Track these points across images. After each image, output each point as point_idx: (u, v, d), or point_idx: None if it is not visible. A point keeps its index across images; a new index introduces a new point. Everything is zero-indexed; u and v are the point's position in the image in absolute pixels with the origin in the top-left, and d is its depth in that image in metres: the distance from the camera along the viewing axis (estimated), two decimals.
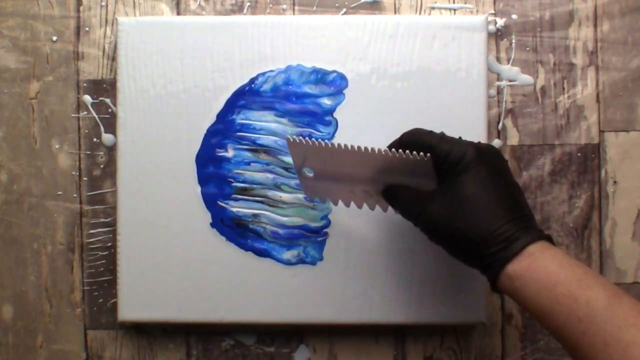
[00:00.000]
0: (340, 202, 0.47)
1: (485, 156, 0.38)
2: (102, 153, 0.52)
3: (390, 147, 0.42)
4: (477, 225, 0.36)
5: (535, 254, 0.35)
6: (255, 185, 0.50)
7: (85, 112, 0.52)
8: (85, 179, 0.52)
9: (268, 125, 0.50)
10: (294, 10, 0.52)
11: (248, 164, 0.50)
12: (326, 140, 0.42)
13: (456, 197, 0.37)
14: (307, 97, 0.50)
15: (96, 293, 0.52)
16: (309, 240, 0.50)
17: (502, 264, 0.35)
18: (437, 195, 0.38)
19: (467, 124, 0.49)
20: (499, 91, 0.52)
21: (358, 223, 0.50)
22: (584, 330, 0.33)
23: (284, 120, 0.50)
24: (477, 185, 0.37)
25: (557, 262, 0.35)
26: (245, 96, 0.50)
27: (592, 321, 0.33)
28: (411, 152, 0.39)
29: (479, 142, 0.39)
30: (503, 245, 0.35)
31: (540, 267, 0.34)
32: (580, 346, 0.33)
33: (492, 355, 0.52)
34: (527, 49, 0.52)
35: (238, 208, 0.50)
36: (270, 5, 0.52)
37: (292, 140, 0.42)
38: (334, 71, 0.50)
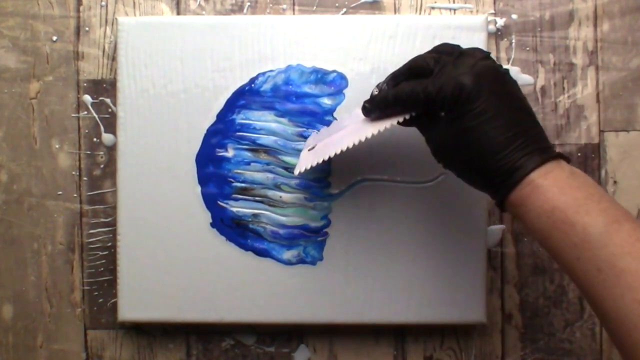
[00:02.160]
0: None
1: (483, 83, 0.36)
2: (102, 153, 0.52)
3: (393, 76, 0.42)
4: (480, 157, 0.36)
5: (536, 180, 0.35)
6: (255, 185, 0.50)
7: (85, 112, 0.52)
8: (85, 179, 0.52)
9: (268, 125, 0.50)
10: (294, 10, 0.52)
11: (248, 163, 0.50)
12: (327, 153, 0.42)
13: (459, 129, 0.37)
14: (307, 97, 0.50)
15: (96, 293, 0.52)
16: (309, 240, 0.50)
17: (505, 192, 0.36)
18: (442, 125, 0.38)
19: None
20: None
21: (358, 223, 0.50)
22: (579, 255, 0.33)
23: (284, 120, 0.50)
24: (477, 118, 0.36)
25: (557, 187, 0.34)
26: (245, 96, 0.50)
27: (587, 247, 0.33)
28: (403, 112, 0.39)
29: (478, 61, 0.38)
30: (505, 175, 0.36)
31: (540, 193, 0.35)
32: (575, 271, 0.34)
33: (492, 355, 0.52)
34: (527, 48, 0.52)
35: (238, 208, 0.50)
36: (270, 5, 0.52)
37: (301, 172, 0.43)
38: (334, 71, 0.50)
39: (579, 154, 0.52)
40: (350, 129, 0.43)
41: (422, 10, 0.52)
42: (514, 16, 0.52)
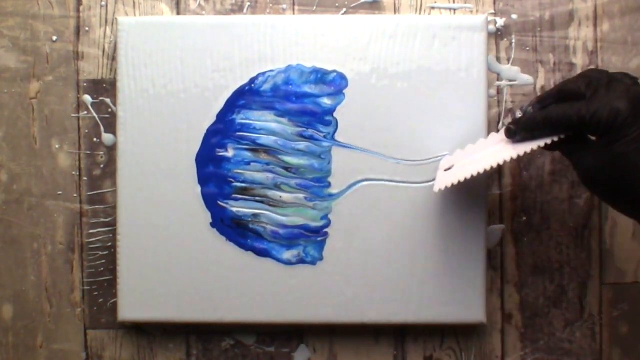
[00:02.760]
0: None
1: (639, 109, 0.36)
2: (102, 153, 0.52)
3: (540, 99, 0.42)
4: (635, 185, 0.36)
5: None
6: (255, 185, 0.50)
7: (85, 112, 0.52)
8: (85, 179, 0.52)
9: (268, 125, 0.50)
10: (294, 10, 0.52)
11: (248, 163, 0.50)
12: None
13: (612, 155, 0.36)
14: (307, 97, 0.50)
15: (96, 293, 0.52)
16: (309, 240, 0.50)
17: None
18: (593, 150, 0.38)
19: (467, 124, 0.49)
20: (499, 91, 0.52)
21: (358, 223, 0.50)
22: None
23: (284, 120, 0.50)
24: (633, 144, 0.36)
25: None
26: (246, 96, 0.50)
27: None
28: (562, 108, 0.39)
29: (630, 87, 0.37)
30: None
31: None
32: None
33: (492, 355, 0.52)
34: (527, 48, 0.52)
35: (238, 208, 0.50)
36: (270, 5, 0.52)
37: (440, 189, 0.44)
38: (334, 71, 0.50)
39: None
40: (491, 151, 0.43)
41: (422, 10, 0.52)
42: (514, 16, 0.52)
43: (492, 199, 0.51)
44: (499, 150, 0.42)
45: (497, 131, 0.51)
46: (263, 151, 0.50)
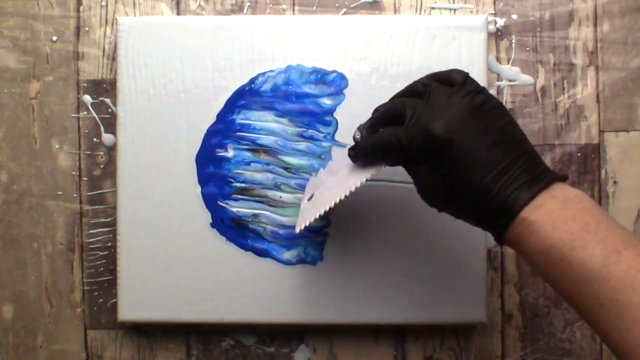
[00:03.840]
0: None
1: (456, 128, 0.35)
2: (102, 153, 0.52)
3: (371, 123, 0.40)
4: (467, 201, 0.35)
5: (528, 217, 0.34)
6: (255, 185, 0.50)
7: (85, 112, 0.52)
8: (85, 179, 0.52)
9: (268, 125, 0.50)
10: (294, 10, 0.52)
11: (248, 164, 0.50)
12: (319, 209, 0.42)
13: (440, 177, 0.36)
14: (307, 97, 0.50)
15: (96, 293, 0.52)
16: (309, 240, 0.50)
17: (500, 232, 0.35)
18: (424, 171, 0.37)
19: None
20: (499, 91, 0.52)
21: (358, 223, 0.50)
22: (580, 291, 0.32)
23: (284, 120, 0.50)
24: (455, 166, 0.34)
25: (550, 222, 0.33)
26: (245, 96, 0.50)
27: (587, 283, 0.32)
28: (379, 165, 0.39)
29: (449, 100, 0.35)
30: (496, 216, 0.35)
31: (533, 230, 0.33)
32: (578, 306, 0.33)
33: (492, 355, 0.52)
34: (527, 49, 0.52)
35: (238, 208, 0.50)
36: (270, 5, 0.52)
37: (301, 229, 0.42)
38: (334, 71, 0.50)
39: (579, 154, 0.52)
40: (343, 174, 0.42)
41: (422, 10, 0.52)
42: (514, 16, 0.52)
43: None
44: (349, 173, 0.41)
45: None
46: (263, 151, 0.50)
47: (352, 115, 0.50)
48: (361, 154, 0.40)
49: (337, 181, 0.42)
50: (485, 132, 0.35)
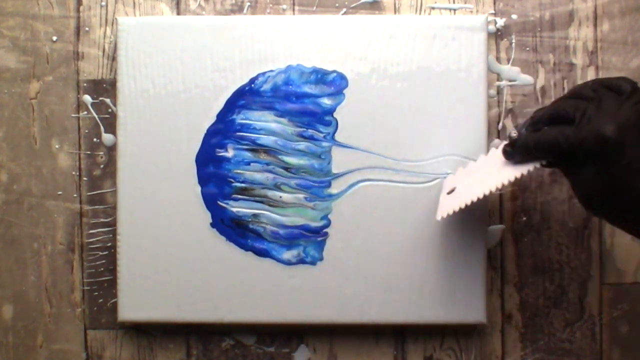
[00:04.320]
0: None
1: (628, 132, 0.35)
2: (102, 153, 0.52)
3: (533, 121, 0.41)
4: (631, 209, 0.35)
5: None
6: (255, 185, 0.50)
7: (85, 112, 0.52)
8: (85, 179, 0.52)
9: (268, 125, 0.50)
10: (294, 10, 0.52)
11: (248, 164, 0.50)
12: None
13: (606, 181, 0.35)
14: (307, 97, 0.50)
15: (96, 293, 0.52)
16: (309, 240, 0.50)
17: None
18: (588, 173, 0.36)
19: (467, 124, 0.49)
20: (499, 91, 0.52)
21: (358, 223, 0.50)
22: None
23: (284, 120, 0.50)
24: (624, 170, 0.34)
25: None
26: (245, 96, 0.50)
27: None
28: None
29: (621, 106, 0.36)
30: None
31: None
32: None
33: (492, 355, 0.52)
34: (527, 49, 0.52)
35: (238, 208, 0.50)
36: (270, 5, 0.52)
37: (443, 217, 0.44)
38: (334, 71, 0.50)
39: None
40: (489, 171, 0.43)
41: (422, 10, 0.52)
42: (514, 16, 0.52)
43: (492, 199, 0.51)
44: (498, 170, 0.42)
45: (498, 133, 0.51)
46: (263, 151, 0.50)
47: (352, 115, 0.50)
48: (521, 150, 0.40)
49: (485, 176, 0.43)
50: None
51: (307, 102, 0.50)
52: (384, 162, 0.50)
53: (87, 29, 0.53)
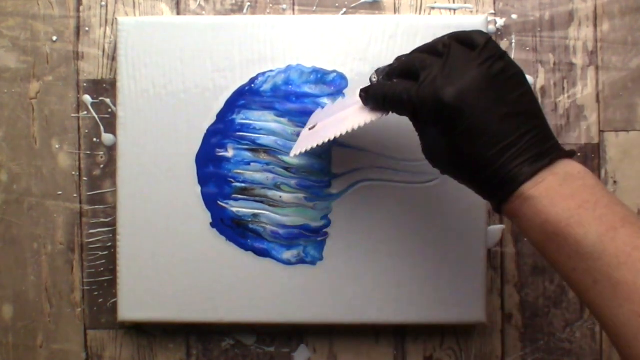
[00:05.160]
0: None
1: (467, 97, 0.34)
2: (102, 153, 0.52)
3: (388, 71, 0.40)
4: (470, 169, 0.35)
5: (526, 192, 0.34)
6: (255, 185, 0.50)
7: (85, 112, 0.52)
8: (85, 179, 0.52)
9: (268, 125, 0.50)
10: (294, 10, 0.52)
11: (248, 164, 0.50)
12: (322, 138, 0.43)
13: (446, 142, 0.35)
14: (307, 97, 0.50)
15: (96, 293, 0.52)
16: (309, 240, 0.50)
17: (499, 203, 0.35)
18: (431, 131, 0.37)
19: None
20: None
21: (358, 223, 0.50)
22: (574, 267, 0.33)
23: (284, 120, 0.50)
24: (462, 135, 0.34)
25: (548, 198, 0.33)
26: (245, 96, 0.50)
27: (581, 259, 0.32)
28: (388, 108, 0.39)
29: (466, 67, 0.35)
30: (496, 188, 0.35)
31: (531, 205, 0.34)
32: (572, 282, 0.33)
33: (492, 355, 0.52)
34: (527, 49, 0.52)
35: (238, 208, 0.50)
36: (270, 5, 0.52)
37: (296, 154, 0.44)
38: (334, 71, 0.50)
39: (579, 154, 0.52)
40: (350, 111, 0.43)
41: (422, 10, 0.52)
42: (514, 16, 0.52)
43: None
44: (356, 112, 0.42)
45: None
46: (263, 151, 0.50)
47: None
48: (372, 99, 0.40)
49: (342, 117, 0.43)
50: (497, 103, 0.34)
51: (307, 102, 0.50)
52: (384, 162, 0.50)
53: (87, 29, 0.53)
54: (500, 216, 0.51)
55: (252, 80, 0.50)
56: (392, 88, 0.38)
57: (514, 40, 0.52)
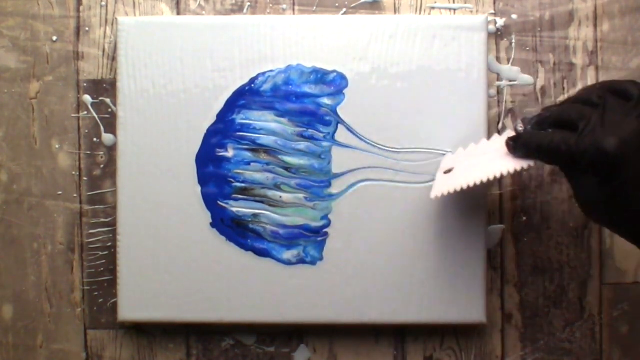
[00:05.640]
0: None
1: (630, 147, 0.34)
2: (102, 153, 0.52)
3: (539, 120, 0.40)
4: (631, 222, 0.35)
5: None
6: (255, 185, 0.50)
7: (85, 112, 0.52)
8: (85, 179, 0.52)
9: (268, 125, 0.50)
10: (294, 10, 0.52)
11: (248, 163, 0.50)
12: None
13: (607, 193, 0.35)
14: (307, 97, 0.50)
15: (96, 293, 0.52)
16: (309, 240, 0.50)
17: None
18: (589, 182, 0.36)
19: (467, 124, 0.49)
20: (499, 91, 0.52)
21: (358, 223, 0.50)
22: None
23: (284, 120, 0.50)
24: (625, 185, 0.34)
25: None
26: (246, 96, 0.50)
27: None
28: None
29: (625, 117, 0.35)
30: None
31: None
32: None
33: (492, 355, 0.52)
34: (527, 49, 0.52)
35: (238, 208, 0.50)
36: (270, 5, 0.52)
37: (437, 196, 0.43)
38: (334, 71, 0.50)
39: None
40: (490, 157, 0.42)
41: (422, 10, 0.52)
42: (514, 16, 0.52)
43: (492, 199, 0.51)
44: (499, 159, 0.42)
45: (499, 132, 0.51)
46: (263, 151, 0.50)
47: (352, 115, 0.50)
48: (523, 148, 0.40)
49: (486, 161, 0.42)
50: None
51: (307, 102, 0.50)
52: (384, 162, 0.50)
53: (87, 29, 0.53)
54: (500, 215, 0.51)
55: (252, 80, 0.50)
56: (547, 138, 0.38)
57: (514, 40, 0.52)
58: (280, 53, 0.50)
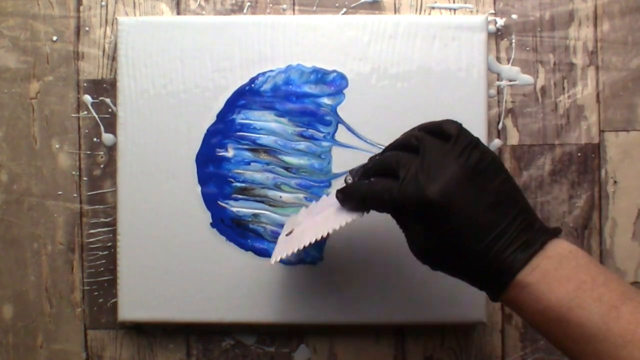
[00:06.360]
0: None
1: (453, 194, 0.33)
2: (102, 153, 0.52)
3: (364, 169, 0.40)
4: (461, 265, 0.35)
5: (523, 280, 0.33)
6: (255, 185, 0.50)
7: (85, 112, 0.52)
8: (85, 179, 0.52)
9: (268, 125, 0.50)
10: (294, 10, 0.52)
11: (248, 163, 0.50)
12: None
13: (434, 240, 0.35)
14: (307, 97, 0.50)
15: (96, 293, 0.52)
16: None
17: (496, 294, 0.35)
18: (417, 230, 0.36)
19: (467, 124, 0.49)
20: (499, 91, 0.52)
21: (358, 223, 0.50)
22: (582, 350, 0.32)
23: (284, 120, 0.50)
24: (451, 232, 0.34)
25: (546, 284, 0.33)
26: (246, 96, 0.50)
27: (587, 342, 0.32)
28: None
29: (445, 161, 0.34)
30: (491, 280, 0.34)
31: (530, 292, 0.33)
32: None
33: (492, 355, 0.52)
34: (527, 49, 0.52)
35: (238, 208, 0.50)
36: (270, 5, 0.52)
37: (276, 261, 0.41)
38: (334, 71, 0.50)
39: (579, 154, 0.52)
40: (328, 213, 0.42)
41: (422, 10, 0.52)
42: (514, 16, 0.52)
43: None
44: (333, 214, 0.41)
45: (498, 133, 0.51)
46: (263, 151, 0.50)
47: (352, 115, 0.50)
48: (350, 200, 0.39)
49: (321, 219, 0.42)
50: (481, 195, 0.34)
51: (307, 102, 0.50)
52: None
53: (87, 29, 0.53)
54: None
55: (252, 80, 0.50)
56: (370, 187, 0.37)
57: (514, 40, 0.52)
58: (280, 53, 0.50)
